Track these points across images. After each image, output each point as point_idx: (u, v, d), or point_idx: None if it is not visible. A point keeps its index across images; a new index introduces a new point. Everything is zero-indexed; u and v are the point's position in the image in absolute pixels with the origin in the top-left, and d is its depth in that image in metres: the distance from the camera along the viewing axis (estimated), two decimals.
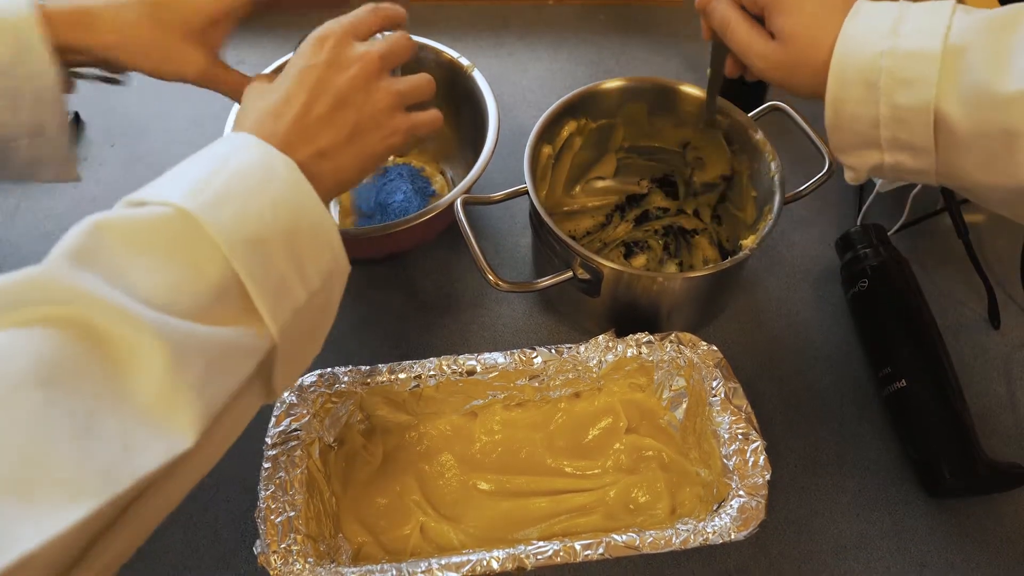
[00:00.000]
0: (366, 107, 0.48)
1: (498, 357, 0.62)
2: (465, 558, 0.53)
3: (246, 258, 0.39)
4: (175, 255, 0.37)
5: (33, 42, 0.50)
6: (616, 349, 0.62)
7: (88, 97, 0.95)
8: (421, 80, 0.53)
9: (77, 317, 0.33)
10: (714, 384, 0.59)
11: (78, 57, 0.53)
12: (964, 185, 0.47)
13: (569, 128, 0.71)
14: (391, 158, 0.86)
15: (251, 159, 0.42)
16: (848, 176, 0.52)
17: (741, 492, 0.55)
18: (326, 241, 0.44)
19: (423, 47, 0.79)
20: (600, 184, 0.79)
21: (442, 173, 0.84)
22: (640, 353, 0.62)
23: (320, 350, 0.51)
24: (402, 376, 0.61)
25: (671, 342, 0.62)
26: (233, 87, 0.56)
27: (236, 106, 0.74)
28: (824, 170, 0.66)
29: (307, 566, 0.52)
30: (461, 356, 0.62)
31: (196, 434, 0.34)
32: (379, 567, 0.53)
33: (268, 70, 0.78)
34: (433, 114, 0.53)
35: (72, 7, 0.51)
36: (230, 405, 0.39)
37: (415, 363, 0.62)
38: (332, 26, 0.49)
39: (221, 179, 0.40)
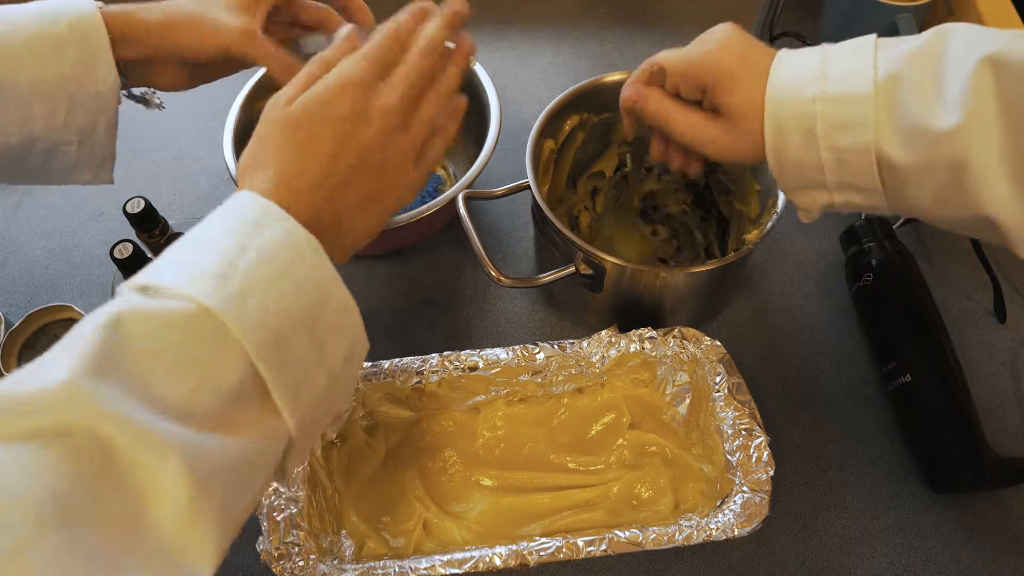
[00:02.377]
0: (387, 165, 0.44)
1: (500, 353, 0.62)
2: (468, 554, 0.53)
3: (270, 356, 0.36)
4: (197, 358, 0.34)
5: (98, 46, 0.51)
6: (619, 344, 0.62)
7: None
8: (439, 117, 0.48)
9: (93, 433, 0.30)
10: (717, 379, 0.59)
11: (129, 53, 0.54)
12: (921, 216, 0.46)
13: (571, 122, 0.71)
14: None
15: (275, 240, 0.38)
16: (801, 216, 0.51)
17: (745, 488, 0.54)
18: (348, 324, 0.41)
19: None
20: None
21: (444, 168, 0.84)
22: (643, 348, 0.62)
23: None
24: (404, 372, 0.61)
25: (674, 337, 0.62)
26: (274, 60, 0.54)
27: (238, 102, 0.74)
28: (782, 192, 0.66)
29: (309, 562, 0.52)
30: (463, 352, 0.62)
31: (216, 563, 0.32)
32: (381, 563, 0.53)
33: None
34: (438, 146, 0.48)
35: (123, 4, 0.53)
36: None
37: (417, 359, 0.62)
38: (358, 68, 0.43)
39: (245, 266, 0.36)
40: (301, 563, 0.52)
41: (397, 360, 0.62)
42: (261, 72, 0.76)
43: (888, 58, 0.43)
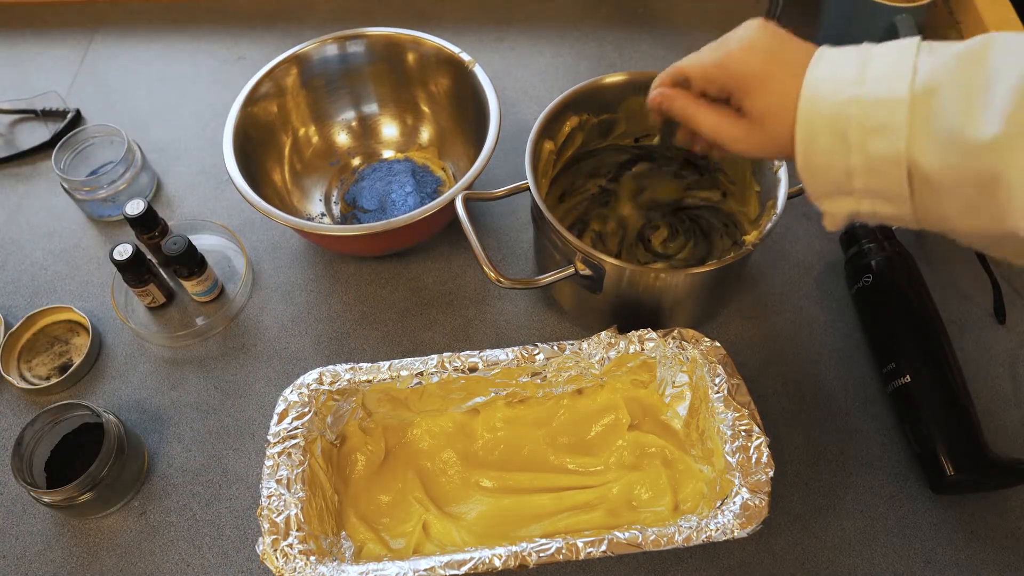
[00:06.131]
0: None
1: (500, 354, 0.62)
2: (467, 556, 0.53)
3: None
4: None
5: None
6: (619, 345, 0.62)
7: (89, 93, 0.95)
8: None
9: None
10: (717, 380, 0.59)
11: None
12: (945, 230, 0.45)
13: (571, 123, 0.71)
14: (392, 153, 0.86)
15: None
16: (826, 223, 0.50)
17: (744, 489, 0.54)
18: None
19: (422, 42, 0.79)
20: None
21: (444, 169, 0.84)
22: (643, 349, 0.62)
23: None
24: (404, 373, 0.61)
25: (674, 338, 0.62)
26: None
27: (238, 104, 0.75)
28: (808, 197, 0.65)
29: (309, 563, 0.52)
30: (463, 353, 0.62)
31: None
32: (381, 565, 0.53)
33: (269, 66, 0.77)
34: None
35: None
36: None
37: (417, 360, 0.62)
38: None
39: None
40: (300, 564, 0.52)
41: (397, 361, 0.62)
42: (257, 78, 0.77)
43: (929, 63, 0.42)
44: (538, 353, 0.62)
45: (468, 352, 0.62)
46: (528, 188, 0.65)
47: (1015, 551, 0.61)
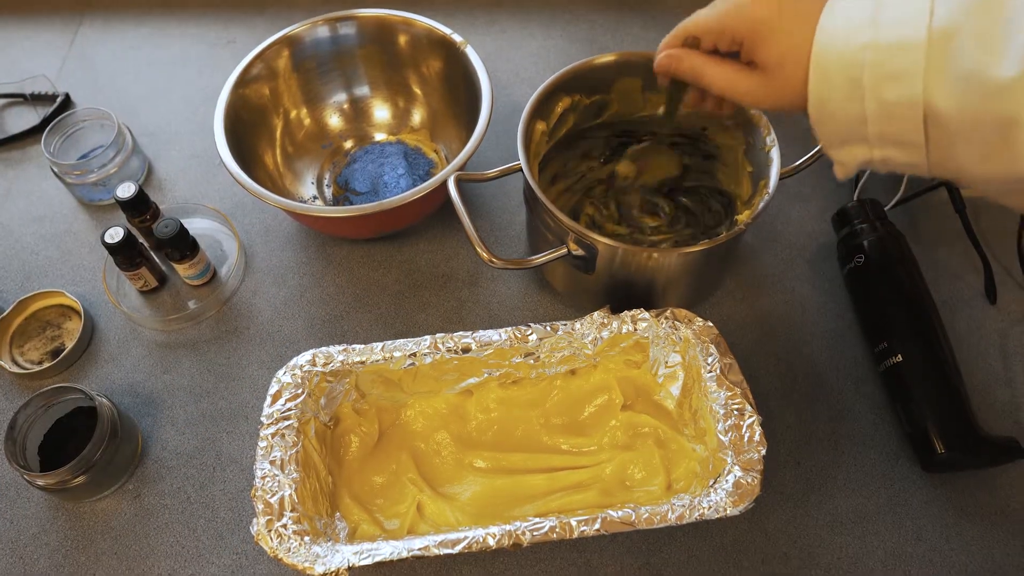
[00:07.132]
0: None
1: (493, 335, 0.62)
2: (461, 535, 0.53)
3: None
4: None
5: None
6: (611, 326, 0.62)
7: (79, 77, 0.94)
8: None
9: None
10: (710, 360, 0.59)
11: None
12: (958, 176, 0.45)
13: (563, 104, 0.71)
14: (384, 135, 0.85)
15: None
16: (837, 171, 0.50)
17: (737, 467, 0.55)
18: None
19: (413, 23, 0.79)
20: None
21: (436, 151, 0.84)
22: (635, 329, 0.62)
23: None
24: (397, 354, 0.61)
25: (667, 318, 0.62)
26: None
27: (227, 88, 0.74)
28: (820, 145, 0.66)
29: (303, 544, 0.53)
30: (456, 334, 0.62)
31: None
32: (375, 545, 0.53)
33: (260, 47, 0.77)
34: None
35: None
36: None
37: (410, 341, 0.62)
38: None
39: None
40: (294, 544, 0.52)
41: (390, 342, 0.62)
42: (248, 59, 0.76)
43: (946, 5, 0.41)
44: (531, 334, 0.62)
45: (461, 333, 0.62)
46: (520, 169, 0.65)
47: (1004, 527, 0.61)
